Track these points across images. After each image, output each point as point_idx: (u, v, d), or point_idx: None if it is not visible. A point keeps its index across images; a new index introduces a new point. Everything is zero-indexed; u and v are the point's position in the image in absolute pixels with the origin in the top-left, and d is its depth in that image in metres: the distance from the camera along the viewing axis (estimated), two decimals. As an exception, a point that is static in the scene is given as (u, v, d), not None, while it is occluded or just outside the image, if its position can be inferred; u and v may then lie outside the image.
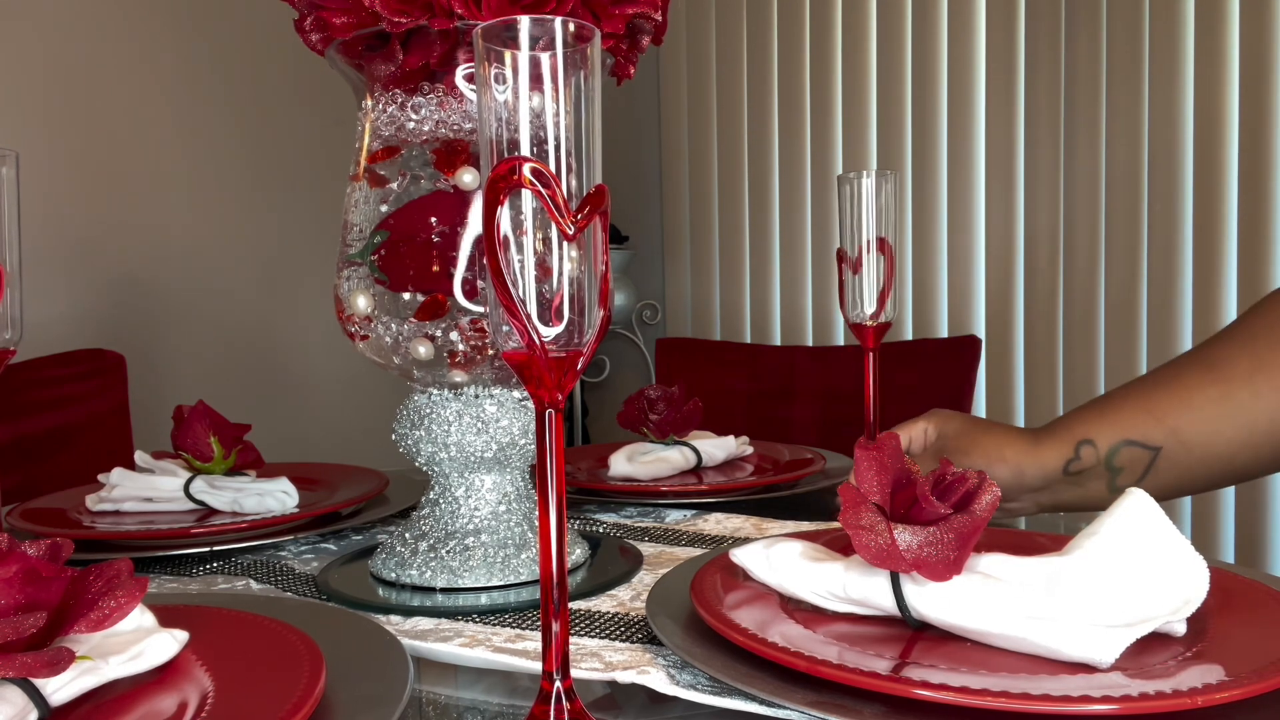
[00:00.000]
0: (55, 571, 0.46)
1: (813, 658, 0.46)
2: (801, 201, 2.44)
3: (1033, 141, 2.07)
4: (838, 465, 1.05)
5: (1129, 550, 0.50)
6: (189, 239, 1.97)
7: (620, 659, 0.53)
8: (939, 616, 0.50)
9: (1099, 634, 0.46)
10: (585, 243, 0.40)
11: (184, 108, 1.96)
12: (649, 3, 0.68)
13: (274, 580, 0.72)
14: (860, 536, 0.51)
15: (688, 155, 2.66)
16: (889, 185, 0.86)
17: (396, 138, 0.68)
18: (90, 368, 1.38)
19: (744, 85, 2.52)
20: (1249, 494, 1.81)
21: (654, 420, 1.05)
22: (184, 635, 0.49)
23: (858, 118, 2.33)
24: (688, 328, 2.68)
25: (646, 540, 0.81)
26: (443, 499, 0.72)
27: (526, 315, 0.40)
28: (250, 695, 0.44)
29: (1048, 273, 2.06)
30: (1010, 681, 0.44)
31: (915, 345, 1.87)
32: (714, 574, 0.59)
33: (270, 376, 2.14)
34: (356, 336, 0.70)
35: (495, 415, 0.69)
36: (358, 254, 0.69)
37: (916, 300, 2.26)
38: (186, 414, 0.90)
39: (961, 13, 2.15)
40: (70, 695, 0.44)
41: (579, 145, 0.40)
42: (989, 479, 0.52)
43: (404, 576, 0.68)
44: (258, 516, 0.84)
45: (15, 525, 0.83)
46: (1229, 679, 0.43)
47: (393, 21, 0.62)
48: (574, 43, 0.40)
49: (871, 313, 0.87)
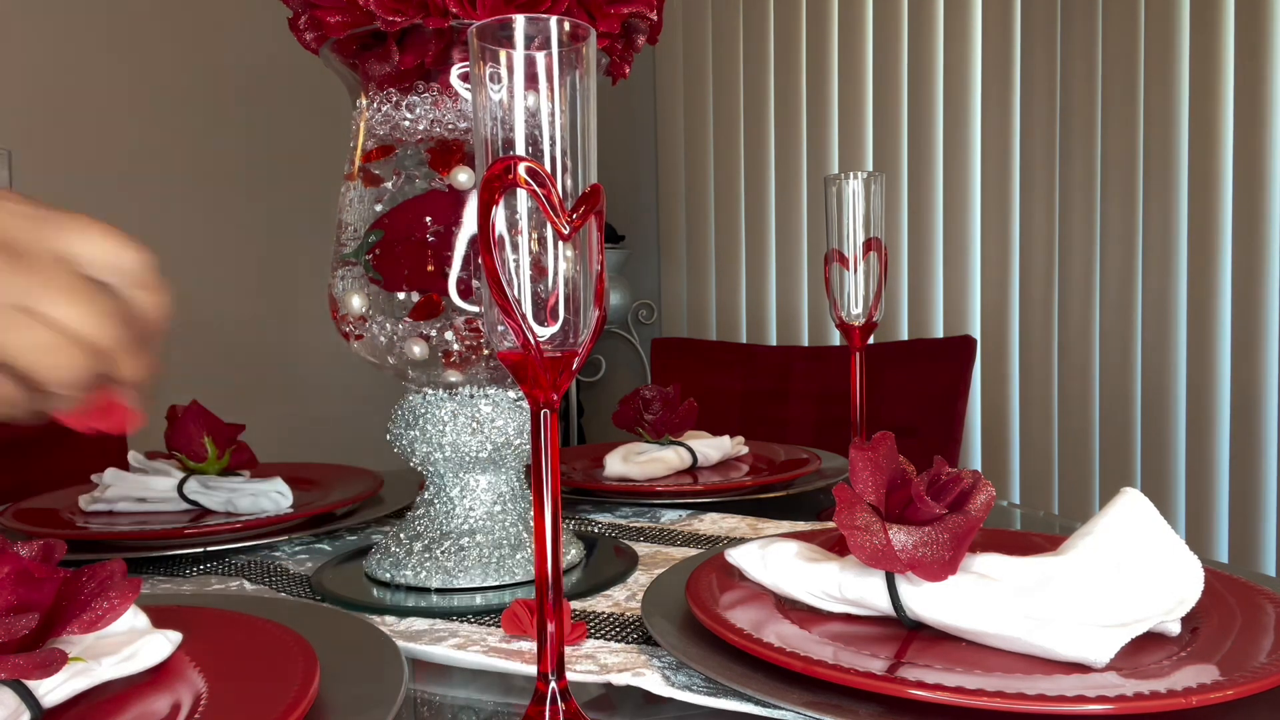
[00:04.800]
0: (48, 572, 0.45)
1: (808, 658, 0.46)
2: (797, 202, 2.44)
3: (1028, 142, 2.07)
4: (833, 465, 1.05)
5: (1123, 550, 0.50)
6: (183, 238, 1.96)
7: (615, 660, 0.53)
8: (934, 617, 0.50)
9: (1094, 634, 0.46)
10: (580, 242, 0.40)
11: (180, 108, 1.96)
12: (644, 2, 0.68)
13: (268, 581, 0.72)
14: (855, 537, 0.51)
15: (683, 155, 2.66)
16: (877, 186, 0.86)
17: (391, 137, 0.68)
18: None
19: (740, 85, 2.52)
20: (1243, 494, 1.82)
21: (649, 420, 1.05)
22: (177, 636, 0.49)
23: (854, 118, 2.33)
24: (683, 328, 2.68)
25: (642, 540, 0.81)
26: (438, 499, 0.72)
27: (521, 315, 0.40)
28: (244, 696, 0.44)
29: (1043, 273, 2.07)
30: (1005, 681, 0.44)
31: (910, 345, 1.87)
32: (709, 574, 0.59)
33: (264, 376, 2.13)
34: (351, 336, 0.70)
35: (490, 415, 0.69)
36: (352, 253, 0.69)
37: (912, 301, 2.26)
38: (180, 414, 0.90)
39: (958, 14, 2.15)
40: (63, 697, 0.43)
41: (574, 145, 0.40)
42: (983, 479, 0.52)
43: (399, 577, 0.68)
44: (252, 517, 0.83)
45: (7, 525, 0.83)
46: (1223, 679, 0.43)
47: (387, 20, 0.62)
48: (569, 42, 0.40)
49: (859, 313, 0.87)
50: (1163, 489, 1.90)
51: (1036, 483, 2.10)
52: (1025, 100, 2.07)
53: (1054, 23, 2.02)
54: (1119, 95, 1.93)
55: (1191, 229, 1.86)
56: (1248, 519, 1.81)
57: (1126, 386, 1.95)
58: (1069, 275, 2.02)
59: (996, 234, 2.13)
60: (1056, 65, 2.02)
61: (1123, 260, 1.95)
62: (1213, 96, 1.83)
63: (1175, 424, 1.90)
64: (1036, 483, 2.10)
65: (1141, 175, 1.92)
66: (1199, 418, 1.86)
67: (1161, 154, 1.89)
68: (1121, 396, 1.95)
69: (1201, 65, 1.84)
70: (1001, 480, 2.14)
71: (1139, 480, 1.94)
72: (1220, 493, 1.85)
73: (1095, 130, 1.97)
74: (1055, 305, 2.05)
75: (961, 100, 2.16)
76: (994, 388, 2.14)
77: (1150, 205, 1.91)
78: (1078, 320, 2.01)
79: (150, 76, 1.91)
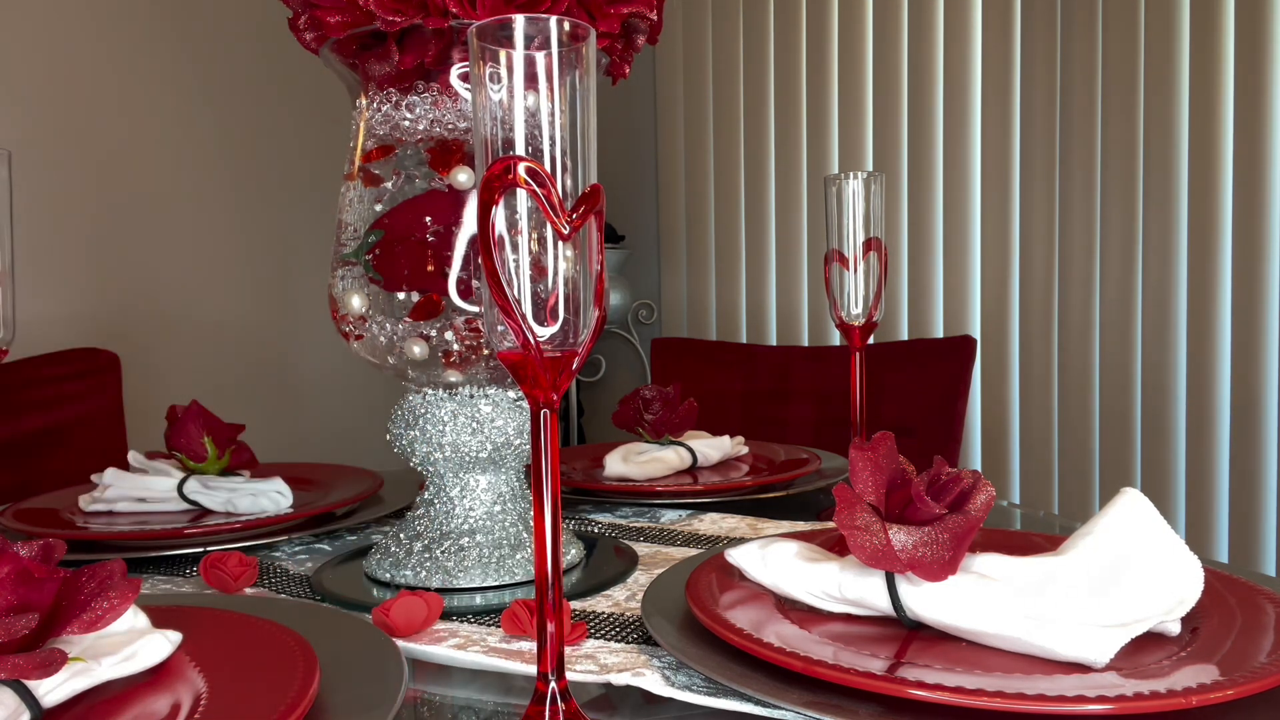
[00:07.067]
0: (48, 573, 0.45)
1: (808, 658, 0.46)
2: (798, 202, 2.44)
3: (1028, 143, 2.07)
4: (833, 465, 1.05)
5: (1123, 550, 0.50)
6: (184, 238, 1.96)
7: (615, 660, 0.53)
8: (934, 617, 0.50)
9: (1093, 634, 0.46)
10: (580, 242, 0.40)
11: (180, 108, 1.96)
12: (644, 2, 0.68)
13: (268, 581, 0.72)
14: (855, 537, 0.51)
15: (684, 155, 2.66)
16: (877, 186, 0.86)
17: (391, 137, 0.68)
18: (84, 367, 1.38)
19: (740, 85, 2.52)
20: (1243, 494, 1.82)
21: (649, 420, 1.05)
22: (177, 636, 0.49)
23: (854, 118, 2.33)
24: (683, 328, 2.67)
25: (642, 540, 0.81)
26: (437, 499, 0.72)
27: (521, 315, 0.40)
28: (244, 696, 0.44)
29: (1043, 273, 2.07)
30: (1005, 681, 0.44)
31: (910, 345, 1.87)
32: (709, 574, 0.59)
33: (264, 376, 2.13)
34: (351, 336, 0.70)
35: (490, 415, 0.69)
36: (352, 253, 0.69)
37: (912, 301, 2.26)
38: (180, 414, 0.90)
39: (958, 14, 2.15)
40: (63, 697, 0.43)
41: (574, 145, 0.40)
42: (983, 479, 0.52)
43: (399, 577, 0.68)
44: (252, 517, 0.83)
45: (8, 526, 0.83)
46: (1223, 679, 0.43)
47: (387, 20, 0.62)
48: (569, 42, 0.40)
49: (859, 313, 0.87)
50: (1163, 489, 1.90)
51: (1036, 483, 2.10)
52: (1025, 100, 2.07)
53: (1054, 23, 2.02)
54: (1119, 95, 1.93)
55: (1191, 229, 1.86)
56: (1248, 519, 1.81)
57: (1126, 386, 1.95)
58: (1069, 275, 2.02)
59: (996, 234, 2.13)
60: (1056, 65, 2.02)
61: (1123, 260, 1.95)
62: (1213, 97, 1.83)
63: (1175, 424, 1.90)
64: (1036, 483, 2.10)
65: (1141, 175, 1.92)
66: (1199, 418, 1.86)
67: (1161, 154, 1.89)
68: (1121, 396, 1.95)
69: (1201, 65, 1.84)
70: (1001, 480, 2.14)
71: (1139, 480, 1.94)
72: (1220, 493, 1.85)
73: (1095, 130, 1.97)
74: (1055, 305, 2.05)
75: (961, 100, 2.16)
76: (994, 388, 2.14)
77: (1150, 205, 1.91)
78: (1078, 320, 2.01)
79: (150, 77, 1.91)
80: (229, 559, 0.69)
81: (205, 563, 0.69)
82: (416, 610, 0.58)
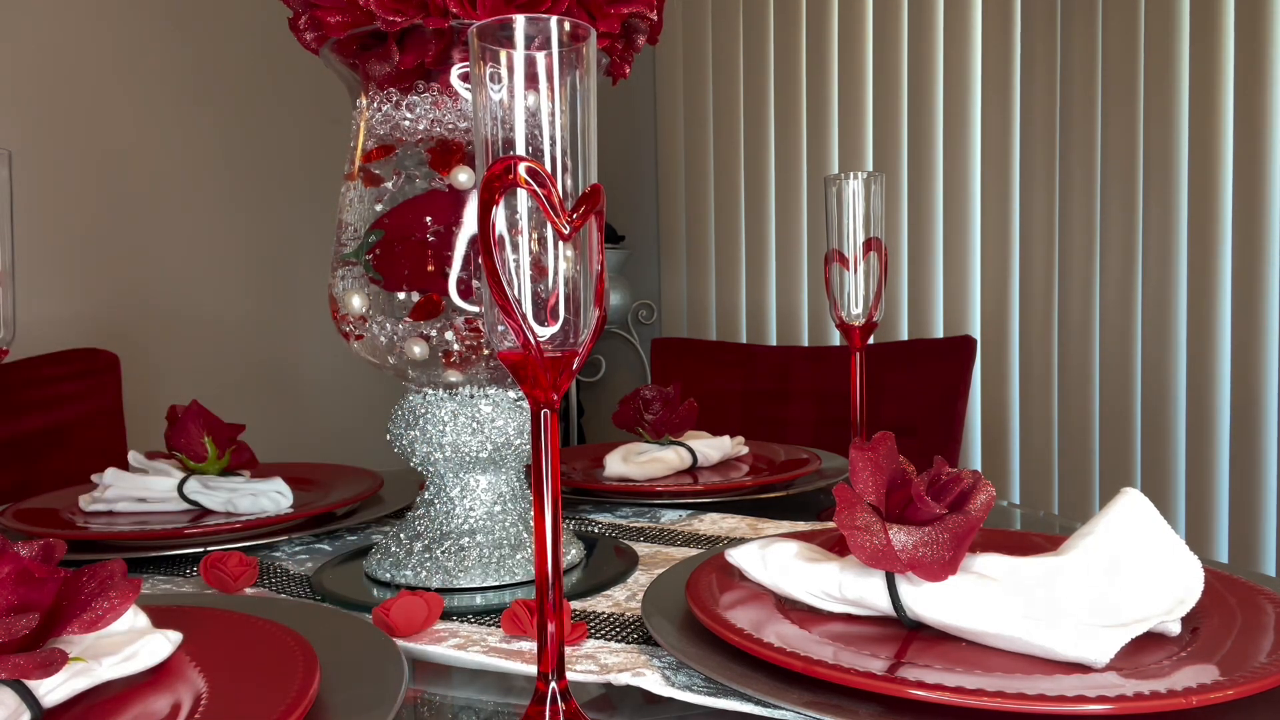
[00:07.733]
0: (48, 572, 0.45)
1: (808, 658, 0.46)
2: (798, 202, 2.44)
3: (1028, 143, 2.07)
4: (833, 465, 1.05)
5: (1124, 550, 0.50)
6: (184, 238, 1.96)
7: (615, 660, 0.53)
8: (934, 617, 0.50)
9: (1094, 634, 0.46)
10: (581, 242, 0.40)
11: (180, 108, 1.96)
12: (644, 2, 0.68)
13: (268, 581, 0.72)
14: (855, 537, 0.51)
15: (684, 155, 2.66)
16: (877, 186, 0.86)
17: (391, 137, 0.68)
18: (84, 367, 1.38)
19: (740, 85, 2.52)
20: (1243, 494, 1.82)
21: (649, 420, 1.05)
22: (178, 636, 0.49)
23: (854, 118, 2.33)
24: (683, 328, 2.67)
25: (642, 540, 0.81)
26: (438, 499, 0.72)
27: (522, 315, 0.40)
28: (244, 696, 0.44)
29: (1043, 273, 2.07)
30: (1006, 681, 0.44)
31: (910, 345, 1.87)
32: (709, 574, 0.59)
33: (265, 376, 2.13)
34: (351, 336, 0.70)
35: (490, 415, 0.69)
36: (352, 253, 0.69)
37: (912, 301, 2.26)
38: (180, 414, 0.90)
39: (958, 14, 2.15)
40: (63, 697, 0.43)
41: (574, 145, 0.40)
42: (983, 479, 0.52)
43: (399, 577, 0.68)
44: (252, 517, 0.83)
45: (8, 526, 0.83)
46: (1223, 679, 0.43)
47: (388, 20, 0.62)
48: (569, 42, 0.40)
49: (859, 313, 0.87)
50: (1163, 489, 1.90)
51: (1036, 483, 2.10)
52: (1025, 100, 2.07)
53: (1054, 23, 2.02)
54: (1119, 95, 1.93)
55: (1191, 229, 1.86)
56: (1248, 519, 1.81)
57: (1126, 386, 1.95)
58: (1069, 275, 2.02)
59: (996, 234, 2.13)
60: (1056, 65, 2.02)
61: (1123, 260, 1.95)
62: (1213, 96, 1.83)
63: (1175, 424, 1.90)
64: (1036, 483, 2.10)
65: (1141, 175, 1.92)
66: (1199, 418, 1.86)
67: (1161, 154, 1.89)
68: (1121, 396, 1.95)
69: (1201, 65, 1.84)
70: (1001, 480, 2.13)
71: (1139, 480, 1.94)
72: (1220, 493, 1.85)
73: (1095, 130, 1.97)
74: (1055, 305, 2.05)
75: (961, 100, 2.16)
76: (994, 388, 2.14)
77: (1150, 205, 1.91)
78: (1078, 320, 2.01)
79: (150, 77, 1.91)
80: (229, 559, 0.69)
81: (205, 563, 0.69)
82: (417, 610, 0.58)
